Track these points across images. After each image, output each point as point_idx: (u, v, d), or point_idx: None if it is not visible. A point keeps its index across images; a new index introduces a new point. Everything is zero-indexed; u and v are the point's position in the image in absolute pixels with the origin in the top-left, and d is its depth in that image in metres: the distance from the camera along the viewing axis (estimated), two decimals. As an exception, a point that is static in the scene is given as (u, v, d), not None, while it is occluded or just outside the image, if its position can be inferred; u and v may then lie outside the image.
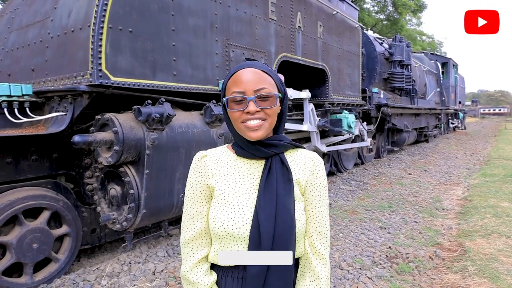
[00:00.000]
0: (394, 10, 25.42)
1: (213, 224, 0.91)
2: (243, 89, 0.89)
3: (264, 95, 0.89)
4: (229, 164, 0.96)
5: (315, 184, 0.96)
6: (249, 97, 0.88)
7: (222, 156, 0.98)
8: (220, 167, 0.96)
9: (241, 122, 0.90)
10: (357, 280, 2.79)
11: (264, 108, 0.89)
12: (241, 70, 0.91)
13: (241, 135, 0.93)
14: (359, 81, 6.66)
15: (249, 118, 0.89)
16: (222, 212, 0.90)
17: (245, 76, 0.90)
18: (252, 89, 0.89)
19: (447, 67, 15.08)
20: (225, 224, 0.89)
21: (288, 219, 0.88)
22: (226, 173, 0.95)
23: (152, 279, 2.73)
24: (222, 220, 0.89)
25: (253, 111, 0.88)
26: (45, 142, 2.90)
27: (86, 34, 2.53)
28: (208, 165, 0.96)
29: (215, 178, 0.95)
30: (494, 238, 3.55)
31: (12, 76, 3.36)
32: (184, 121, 2.98)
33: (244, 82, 0.89)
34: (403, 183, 6.42)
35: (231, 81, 0.92)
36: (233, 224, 0.88)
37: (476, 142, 14.35)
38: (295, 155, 0.99)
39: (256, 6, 3.94)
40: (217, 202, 0.92)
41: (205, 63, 3.27)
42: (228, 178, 0.94)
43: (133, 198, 2.64)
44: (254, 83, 0.89)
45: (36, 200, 2.66)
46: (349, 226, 4.05)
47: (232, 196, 0.92)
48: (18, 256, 2.53)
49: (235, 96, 0.89)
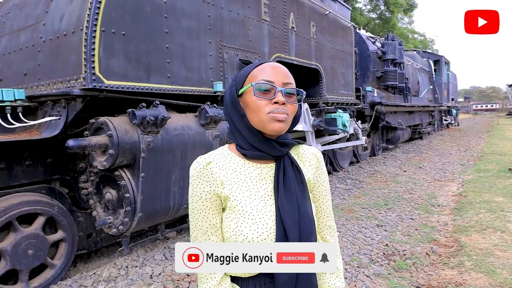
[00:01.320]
0: (386, 9, 25.63)
1: (233, 237, 0.86)
2: (273, 79, 0.86)
3: (291, 91, 0.87)
4: (238, 169, 0.89)
5: (321, 180, 0.97)
6: (279, 88, 0.85)
7: (228, 161, 0.90)
8: (229, 173, 0.88)
9: (267, 113, 0.84)
10: (355, 278, 2.80)
11: (289, 102, 0.86)
12: (271, 63, 0.89)
13: (256, 131, 0.87)
14: (352, 80, 6.70)
15: (275, 111, 0.84)
16: (242, 224, 0.86)
17: (276, 68, 0.88)
18: (282, 81, 0.86)
19: (439, 64, 15.22)
20: (249, 237, 0.85)
21: (309, 224, 0.87)
22: (237, 179, 0.88)
23: (149, 283, 2.71)
24: (245, 232, 0.85)
25: (282, 101, 0.84)
26: (39, 147, 2.87)
27: (79, 38, 2.51)
28: (215, 172, 0.88)
29: (226, 186, 0.87)
30: (489, 233, 3.59)
31: (4, 81, 3.33)
32: (179, 124, 2.97)
33: (274, 72, 0.87)
34: (398, 181, 6.46)
35: (258, 70, 0.88)
36: (258, 236, 0.85)
37: (469, 138, 14.50)
38: (299, 153, 0.97)
39: (249, 7, 3.94)
40: (234, 213, 0.87)
41: (199, 65, 3.27)
42: (241, 185, 0.88)
43: (129, 201, 2.62)
44: (283, 76, 0.88)
45: (31, 206, 2.63)
46: (346, 225, 4.07)
47: (249, 205, 0.86)
48: (13, 263, 2.50)
49: (262, 83, 0.85)
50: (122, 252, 3.27)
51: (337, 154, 7.19)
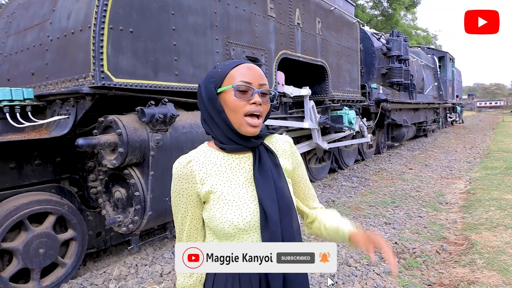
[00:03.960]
0: (388, 6, 25.44)
1: (220, 224, 0.92)
2: (251, 80, 0.92)
3: (265, 91, 0.95)
4: (218, 163, 0.96)
5: (298, 162, 1.07)
6: (256, 89, 0.93)
7: (207, 157, 0.97)
8: (209, 168, 0.95)
9: (244, 114, 0.91)
10: (365, 276, 2.78)
11: (264, 102, 0.94)
12: (247, 64, 0.95)
13: (233, 129, 0.93)
14: (358, 77, 6.65)
15: (253, 110, 0.91)
16: (227, 211, 0.92)
17: (252, 69, 0.94)
18: (258, 82, 0.94)
19: (444, 61, 15.10)
20: (235, 221, 0.91)
21: (287, 200, 0.94)
22: (218, 172, 0.95)
23: (159, 281, 2.71)
24: (230, 218, 0.91)
25: (259, 102, 0.92)
26: (48, 146, 2.87)
27: (87, 36, 2.50)
28: (194, 170, 0.94)
29: (206, 182, 0.94)
30: (500, 230, 3.55)
31: (11, 80, 3.33)
32: (187, 121, 2.96)
33: (251, 74, 0.93)
34: (404, 178, 6.42)
35: (236, 71, 0.93)
36: (243, 219, 0.91)
37: (474, 136, 14.40)
38: (272, 142, 1.04)
39: (255, 4, 3.91)
40: (218, 203, 0.93)
41: (206, 62, 3.25)
42: (222, 177, 0.95)
43: (138, 200, 2.62)
44: (259, 77, 0.94)
45: (41, 205, 2.63)
46: (354, 223, 4.04)
47: (231, 193, 0.93)
48: (25, 262, 2.50)
49: (241, 85, 0.91)
50: (132, 250, 3.27)
51: (342, 152, 7.15)
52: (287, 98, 5.02)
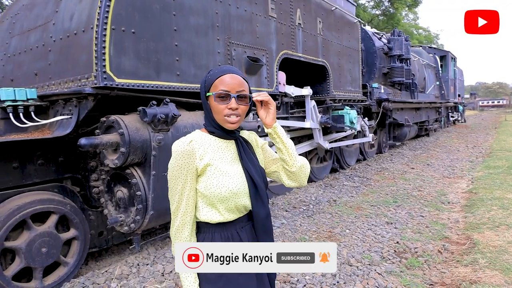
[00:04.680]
0: (390, 5, 25.38)
1: (217, 190, 1.14)
2: (229, 88, 1.16)
3: (242, 96, 1.17)
4: (211, 143, 1.21)
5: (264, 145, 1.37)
6: (233, 95, 1.16)
7: (203, 139, 1.21)
8: (206, 147, 1.19)
9: (224, 115, 1.16)
10: (367, 276, 2.78)
11: (241, 105, 1.17)
12: (229, 74, 1.17)
13: (220, 124, 1.19)
14: (359, 76, 6.65)
15: (230, 113, 1.16)
16: (224, 179, 1.15)
17: (232, 79, 1.17)
18: (236, 89, 1.16)
19: (445, 60, 15.05)
20: (230, 187, 1.15)
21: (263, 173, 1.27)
22: (212, 150, 1.19)
23: (161, 281, 2.72)
24: (227, 185, 1.15)
25: (234, 107, 1.15)
26: (50, 146, 2.89)
27: (90, 36, 2.52)
28: (195, 147, 1.16)
29: (204, 158, 1.16)
30: (503, 230, 3.54)
31: (14, 81, 3.35)
32: (189, 121, 2.97)
33: (231, 83, 1.16)
34: (406, 178, 6.41)
35: (219, 81, 1.16)
36: (235, 185, 1.16)
37: (477, 135, 14.35)
38: (244, 134, 1.33)
39: (256, 4, 3.92)
40: (215, 174, 1.15)
41: (208, 63, 3.26)
42: (215, 154, 1.19)
43: (140, 199, 2.63)
44: (237, 85, 1.17)
45: (44, 204, 2.65)
46: (355, 222, 4.05)
47: (224, 167, 1.17)
48: (28, 260, 2.52)
49: (221, 92, 1.15)
50: (133, 250, 3.29)
51: (344, 152, 7.15)
52: (288, 98, 5.02)
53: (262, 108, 1.24)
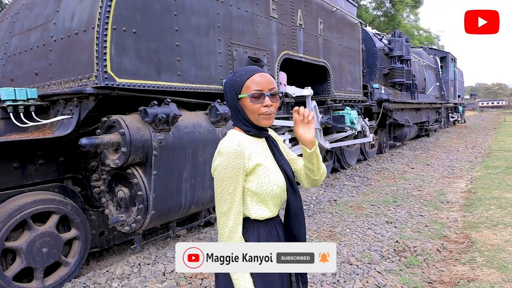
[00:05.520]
0: (391, 7, 25.38)
1: (270, 187, 1.17)
2: (262, 87, 1.18)
3: (275, 93, 1.20)
4: (253, 143, 1.23)
5: (285, 145, 1.41)
6: (266, 93, 1.18)
7: (245, 139, 1.22)
8: (250, 148, 1.21)
9: (259, 114, 1.19)
10: (366, 274, 2.79)
11: (274, 102, 1.20)
12: (258, 74, 1.20)
13: (254, 123, 1.21)
14: (360, 77, 6.66)
15: (265, 111, 1.18)
16: (273, 177, 1.19)
17: (263, 78, 1.19)
18: (268, 87, 1.19)
19: (445, 61, 15.06)
20: (280, 184, 1.20)
21: (290, 167, 1.31)
22: (256, 150, 1.22)
23: (162, 280, 2.73)
24: (277, 182, 1.19)
25: (269, 104, 1.18)
26: (51, 146, 2.89)
27: (91, 36, 2.53)
28: (244, 148, 1.17)
29: (252, 158, 1.18)
30: (500, 229, 3.56)
31: (15, 80, 3.36)
32: (190, 121, 2.98)
33: (262, 82, 1.18)
34: (406, 178, 6.43)
35: (250, 82, 1.18)
36: (282, 182, 1.21)
37: (476, 135, 14.37)
38: (271, 133, 1.36)
39: (257, 5, 3.93)
40: (265, 173, 1.18)
41: (209, 63, 3.27)
42: (260, 154, 1.22)
43: (141, 199, 2.64)
44: (268, 83, 1.19)
45: (45, 204, 2.65)
46: (356, 222, 4.06)
47: (269, 165, 1.21)
48: (29, 261, 2.52)
49: (255, 92, 1.18)
50: (134, 249, 3.29)
51: (344, 152, 7.16)
52: (289, 98, 5.03)
53: (300, 125, 1.22)
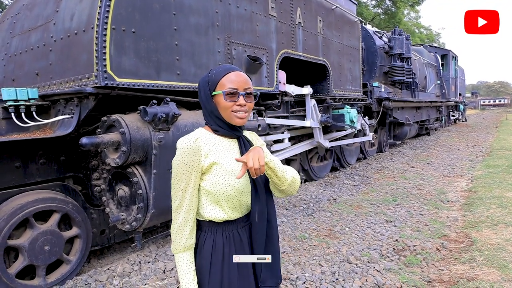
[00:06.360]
0: (392, 4, 25.30)
1: (224, 188, 1.15)
2: (237, 86, 1.17)
3: (249, 93, 1.20)
4: (216, 142, 1.21)
5: (263, 146, 1.33)
6: (241, 92, 1.17)
7: (208, 137, 1.21)
8: (211, 145, 1.19)
9: (231, 111, 1.17)
10: (365, 273, 2.80)
11: (248, 102, 1.19)
12: (233, 72, 1.18)
13: (226, 121, 1.20)
14: (360, 75, 6.66)
15: (238, 109, 1.17)
16: (229, 178, 1.16)
17: (238, 77, 1.18)
18: (243, 87, 1.18)
19: (446, 59, 15.02)
20: (235, 185, 1.17)
21: (264, 176, 1.26)
22: (217, 149, 1.20)
23: (163, 278, 2.75)
24: (232, 184, 1.16)
25: (243, 104, 1.17)
26: (52, 145, 2.91)
27: (90, 36, 2.54)
28: (201, 145, 1.17)
29: (209, 156, 1.17)
30: (501, 228, 3.56)
31: (16, 80, 3.38)
32: (189, 120, 3.00)
33: (238, 81, 1.17)
34: (406, 177, 6.43)
35: (226, 79, 1.17)
36: (240, 184, 1.18)
37: (477, 134, 14.34)
38: (246, 134, 1.34)
39: (256, 3, 3.94)
40: (220, 172, 1.16)
41: (208, 62, 3.28)
42: (220, 153, 1.20)
43: (141, 198, 2.66)
44: (244, 82, 1.18)
45: (46, 203, 2.68)
46: (355, 221, 4.07)
47: (229, 166, 1.18)
48: (31, 258, 2.55)
49: (230, 90, 1.16)
50: (135, 248, 3.31)
51: (344, 151, 7.17)
52: (288, 97, 5.04)
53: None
